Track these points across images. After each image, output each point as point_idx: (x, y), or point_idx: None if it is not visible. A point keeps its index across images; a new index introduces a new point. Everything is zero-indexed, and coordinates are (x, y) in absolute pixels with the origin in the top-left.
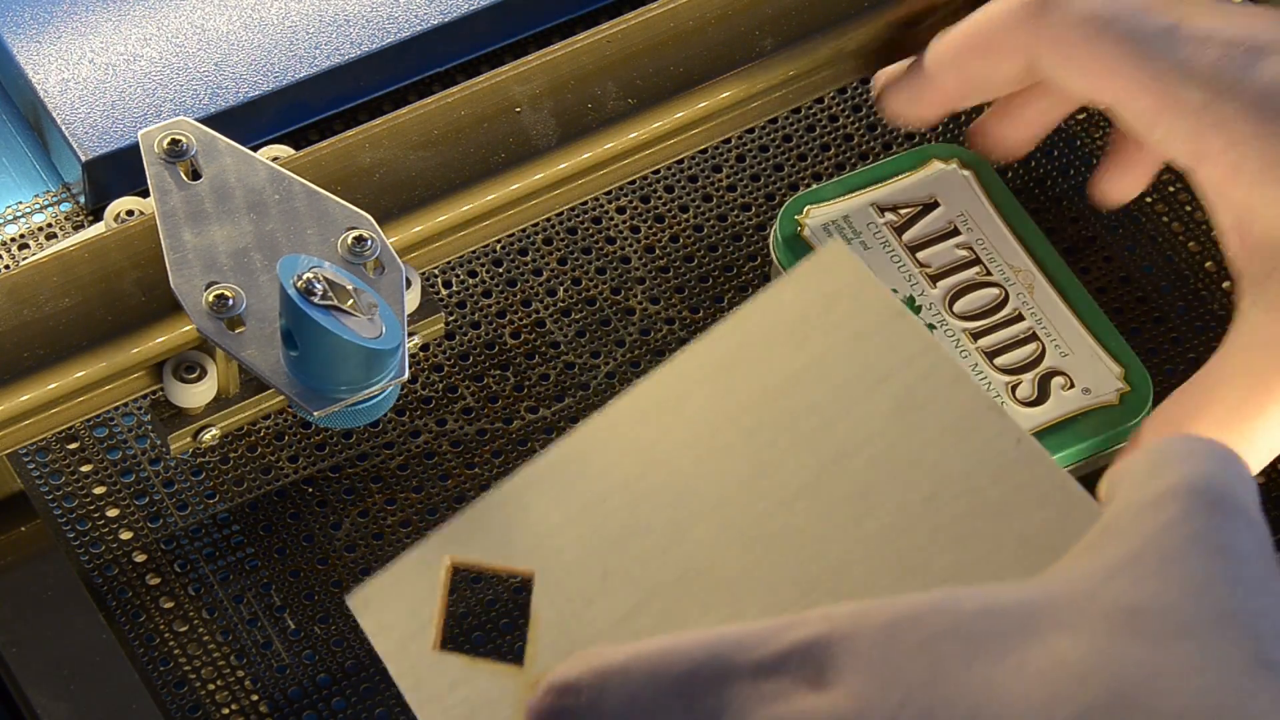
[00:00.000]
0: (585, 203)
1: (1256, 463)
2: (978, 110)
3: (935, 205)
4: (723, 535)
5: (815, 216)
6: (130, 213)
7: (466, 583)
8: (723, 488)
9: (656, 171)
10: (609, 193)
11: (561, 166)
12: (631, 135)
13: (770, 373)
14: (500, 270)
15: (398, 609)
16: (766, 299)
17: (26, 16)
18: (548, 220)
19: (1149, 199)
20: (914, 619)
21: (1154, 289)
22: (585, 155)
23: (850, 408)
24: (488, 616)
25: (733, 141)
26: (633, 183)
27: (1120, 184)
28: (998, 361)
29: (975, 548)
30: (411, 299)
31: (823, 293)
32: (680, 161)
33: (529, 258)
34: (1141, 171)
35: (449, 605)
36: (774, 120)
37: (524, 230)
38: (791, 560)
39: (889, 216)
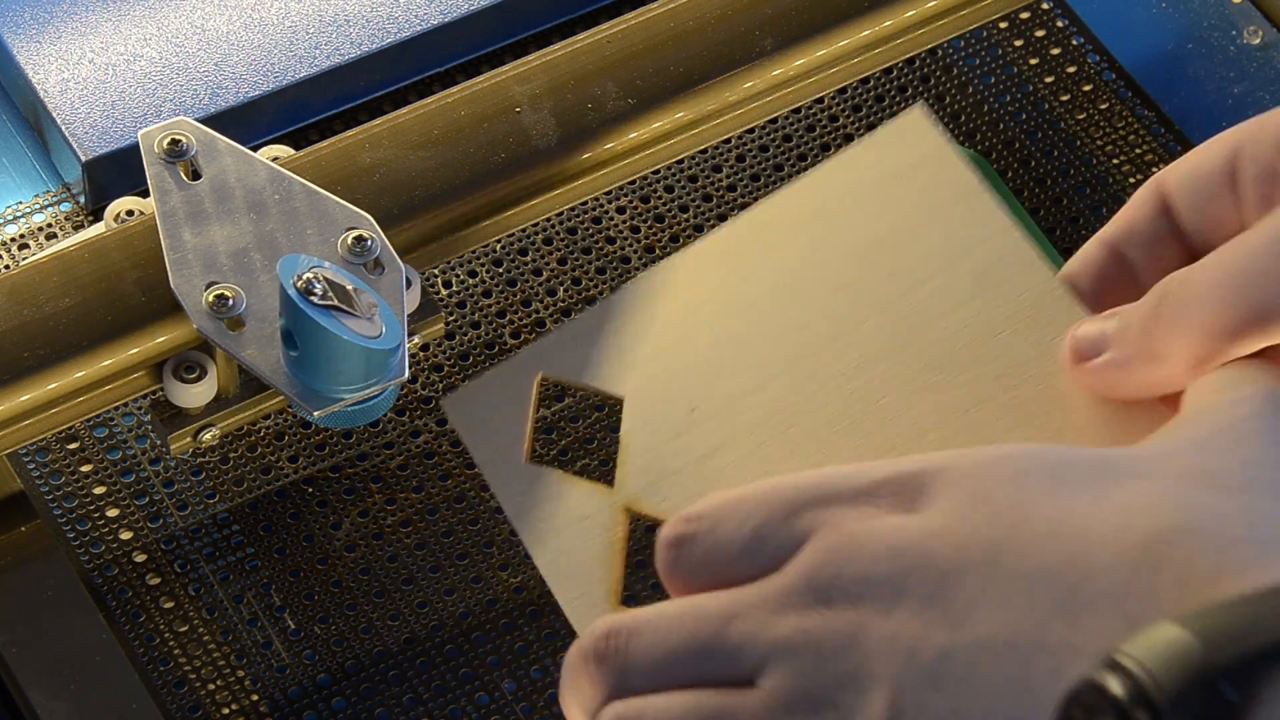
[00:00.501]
0: (585, 203)
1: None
2: (980, 109)
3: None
4: (805, 388)
5: None
6: (130, 213)
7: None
8: (804, 342)
9: (656, 171)
10: (609, 193)
11: (561, 166)
12: (631, 135)
13: (852, 234)
14: (500, 270)
15: (489, 417)
16: (849, 160)
17: (26, 16)
18: (548, 220)
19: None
20: (1005, 458)
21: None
22: (585, 155)
23: (927, 279)
24: (487, 615)
25: (733, 141)
26: (633, 183)
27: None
28: None
29: (1041, 430)
30: (411, 299)
31: (904, 161)
32: (680, 161)
33: (529, 258)
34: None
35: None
36: (774, 120)
37: (524, 230)
38: (867, 421)
39: None
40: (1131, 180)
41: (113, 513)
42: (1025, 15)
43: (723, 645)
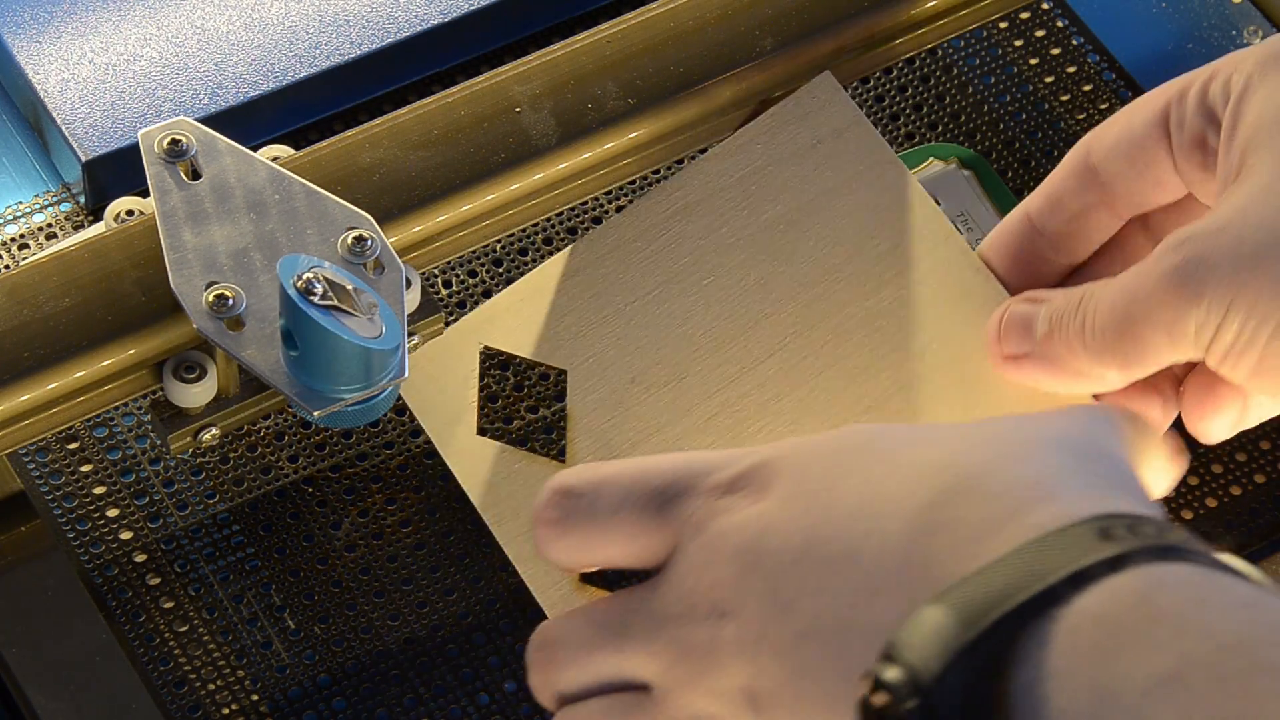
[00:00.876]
0: (585, 203)
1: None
2: (986, 112)
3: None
4: (742, 361)
5: None
6: (130, 213)
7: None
8: (736, 314)
9: (656, 171)
10: (609, 193)
11: (561, 166)
12: (631, 135)
13: (772, 203)
14: (500, 270)
15: (437, 389)
16: (767, 128)
17: (26, 16)
18: (548, 220)
19: None
20: (827, 441)
21: None
22: (585, 155)
23: (850, 250)
24: (487, 615)
25: None
26: (632, 182)
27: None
28: None
29: (966, 399)
30: (411, 299)
31: (823, 130)
32: (680, 161)
33: (529, 258)
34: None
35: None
36: None
37: (524, 230)
38: (789, 388)
39: None
40: None
41: (113, 513)
42: (1025, 15)
43: (621, 663)
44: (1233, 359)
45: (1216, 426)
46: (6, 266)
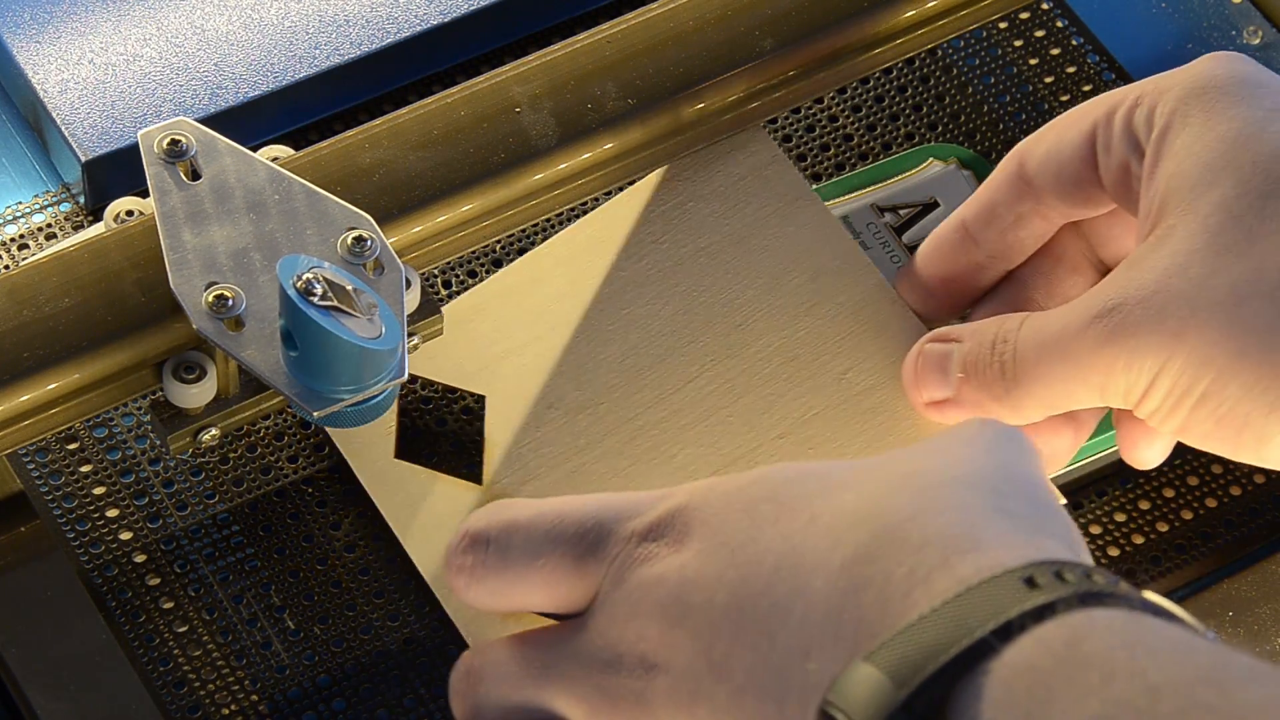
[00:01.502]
0: (585, 203)
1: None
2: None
3: (935, 206)
4: (659, 389)
5: None
6: (130, 213)
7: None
8: (654, 344)
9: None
10: (609, 193)
11: (561, 166)
12: (631, 135)
13: (693, 236)
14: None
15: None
16: (688, 166)
17: (26, 16)
18: (548, 220)
19: None
20: (743, 487)
21: None
22: (585, 155)
23: (768, 282)
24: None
25: None
26: (632, 183)
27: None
28: None
29: (882, 430)
30: (411, 299)
31: (741, 169)
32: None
33: None
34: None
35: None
36: (774, 120)
37: (524, 230)
38: (717, 425)
39: (888, 217)
40: None
41: (112, 513)
42: (1025, 15)
43: (545, 701)
44: (1159, 416)
45: (1150, 456)
46: (6, 266)
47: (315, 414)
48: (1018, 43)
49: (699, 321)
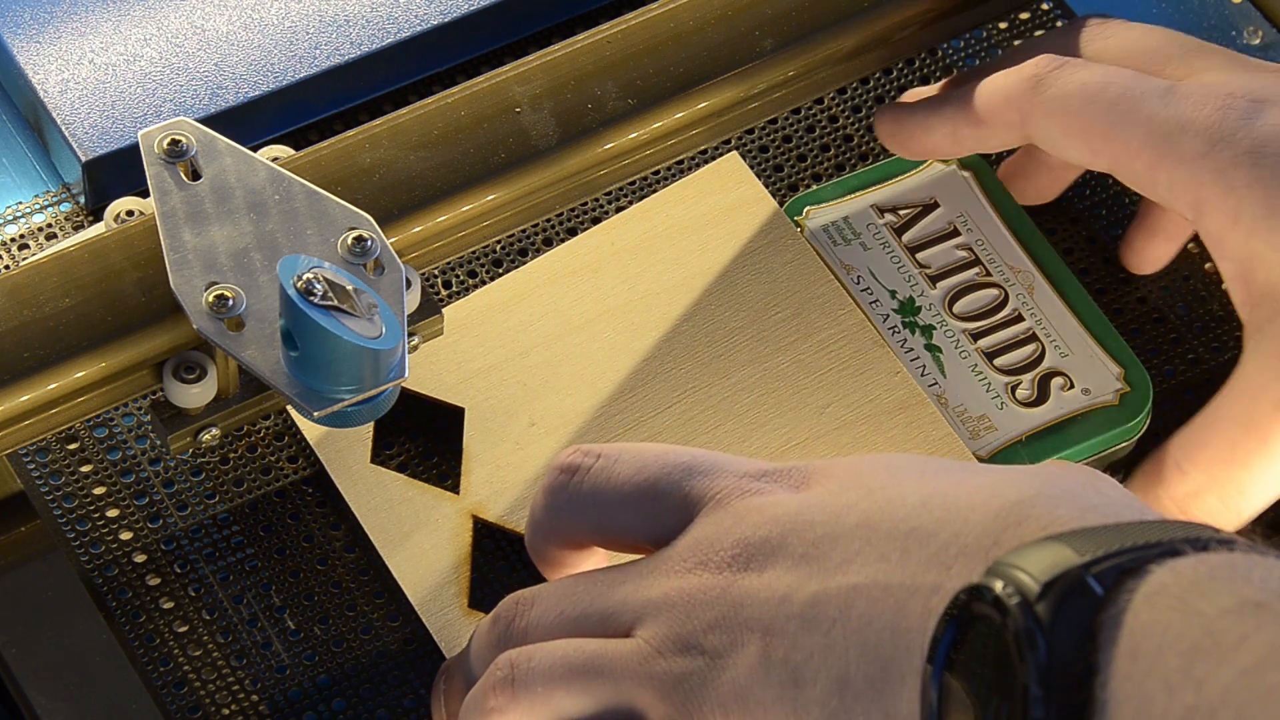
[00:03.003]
0: (585, 203)
1: (1247, 508)
2: None
3: (935, 206)
4: (638, 410)
5: (815, 217)
6: (130, 213)
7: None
8: (634, 367)
9: (656, 171)
10: (609, 193)
11: (561, 166)
12: (631, 135)
13: (675, 266)
14: (500, 270)
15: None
16: (671, 196)
17: (26, 16)
18: (547, 220)
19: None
20: (876, 458)
21: (1153, 290)
22: (585, 155)
23: (750, 314)
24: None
25: (732, 141)
26: (632, 183)
27: (1149, 252)
28: (997, 362)
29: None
30: (411, 299)
31: (722, 202)
32: (680, 162)
33: (529, 258)
34: (1170, 236)
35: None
36: (774, 120)
37: (524, 230)
38: (685, 438)
39: (888, 217)
40: None
41: (113, 513)
42: (1025, 15)
43: (605, 605)
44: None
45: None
46: (6, 266)
47: (315, 414)
48: (1017, 43)
49: (680, 349)
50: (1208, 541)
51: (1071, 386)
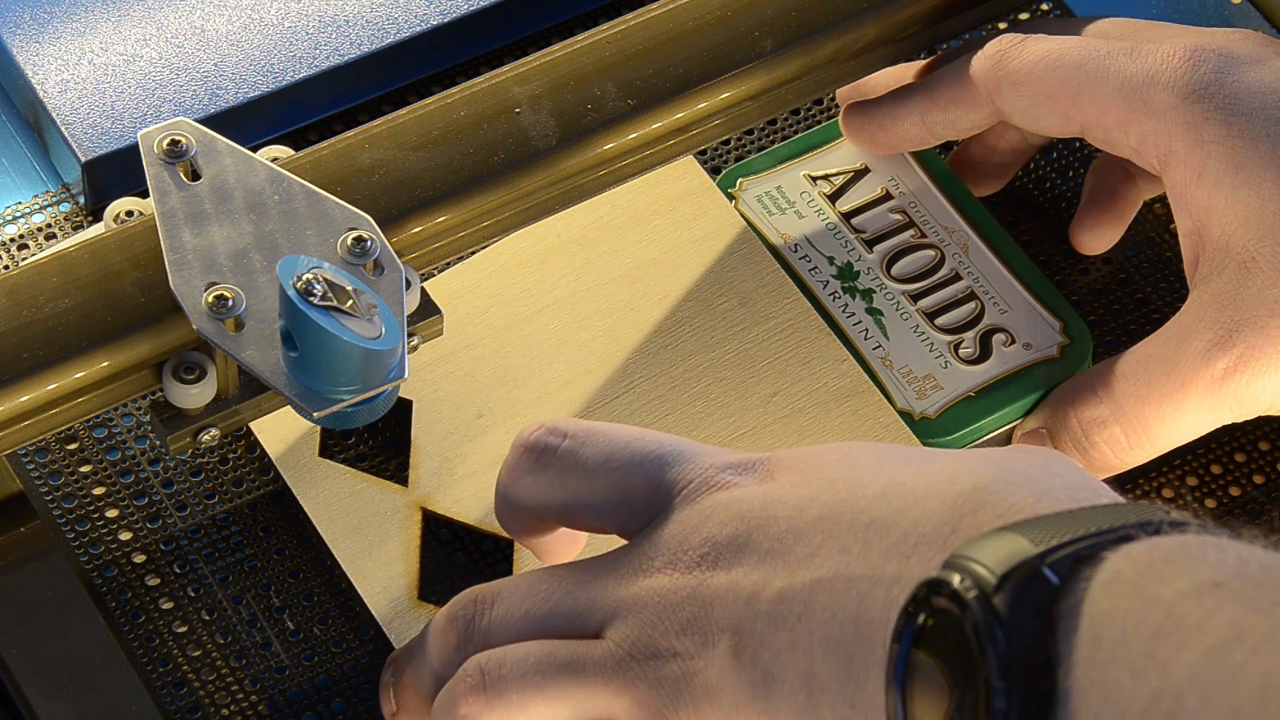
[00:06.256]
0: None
1: (1149, 447)
2: None
3: (866, 171)
4: (587, 402)
5: (748, 189)
6: (130, 213)
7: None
8: (583, 359)
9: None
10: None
11: (561, 166)
12: (631, 135)
13: (621, 257)
14: None
15: (281, 413)
16: (620, 192)
17: (26, 16)
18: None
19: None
20: (835, 447)
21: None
22: (585, 155)
23: (697, 304)
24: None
25: (731, 142)
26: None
27: (1099, 230)
28: (939, 321)
29: (806, 445)
30: (411, 299)
31: (670, 194)
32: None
33: None
34: (1120, 215)
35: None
36: (773, 121)
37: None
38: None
39: (821, 185)
40: None
41: (112, 513)
42: (1025, 16)
43: (573, 605)
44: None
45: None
46: (6, 266)
47: (315, 414)
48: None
49: (627, 340)
50: (1160, 525)
51: (1013, 342)
